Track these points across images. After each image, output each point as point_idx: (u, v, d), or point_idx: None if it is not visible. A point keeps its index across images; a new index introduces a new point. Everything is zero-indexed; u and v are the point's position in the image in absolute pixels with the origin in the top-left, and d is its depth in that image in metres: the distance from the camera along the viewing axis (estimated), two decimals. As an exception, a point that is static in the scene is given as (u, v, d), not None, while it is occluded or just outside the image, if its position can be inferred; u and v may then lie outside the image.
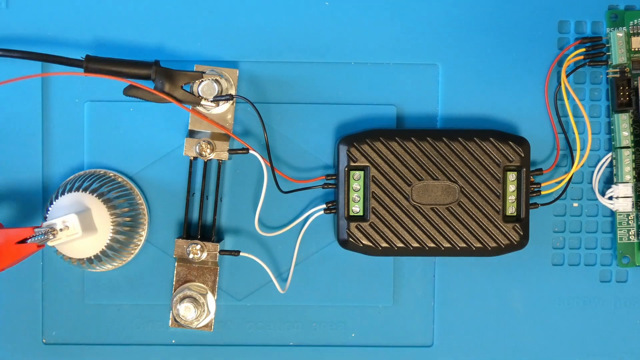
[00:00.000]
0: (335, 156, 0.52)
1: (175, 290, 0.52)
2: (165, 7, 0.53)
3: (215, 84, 0.50)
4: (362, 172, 0.52)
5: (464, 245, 0.51)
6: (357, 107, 0.54)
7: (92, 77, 0.51)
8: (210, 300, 0.52)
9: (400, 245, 0.51)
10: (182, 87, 0.50)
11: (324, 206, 0.53)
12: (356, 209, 0.52)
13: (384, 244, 0.51)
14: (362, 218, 0.52)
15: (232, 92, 0.51)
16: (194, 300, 0.51)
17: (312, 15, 0.53)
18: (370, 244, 0.51)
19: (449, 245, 0.51)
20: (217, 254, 0.52)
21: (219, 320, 0.54)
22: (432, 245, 0.51)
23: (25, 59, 0.51)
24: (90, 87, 0.53)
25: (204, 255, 0.52)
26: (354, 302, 0.54)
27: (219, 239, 0.53)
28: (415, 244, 0.51)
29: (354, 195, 0.52)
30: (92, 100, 0.53)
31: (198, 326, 0.52)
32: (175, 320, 0.51)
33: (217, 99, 0.50)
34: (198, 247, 0.52)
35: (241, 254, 0.52)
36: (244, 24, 0.53)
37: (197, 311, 0.51)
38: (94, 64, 0.50)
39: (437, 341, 0.54)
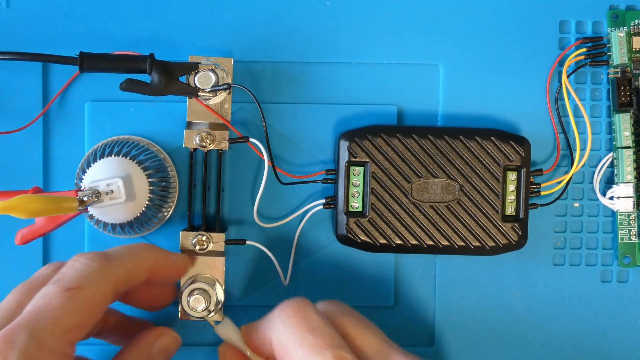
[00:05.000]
0: (335, 151, 0.52)
1: (183, 283, 0.51)
2: (165, 7, 0.53)
3: (211, 73, 0.50)
4: (362, 168, 0.51)
5: (462, 243, 0.51)
6: (357, 107, 0.53)
7: (93, 77, 0.52)
8: (219, 290, 0.51)
9: (399, 242, 0.51)
10: (178, 79, 0.50)
11: (323, 201, 0.52)
12: (355, 204, 0.52)
13: (382, 241, 0.51)
14: (361, 214, 0.51)
15: (229, 81, 0.51)
16: (202, 291, 0.50)
17: (312, 15, 0.53)
18: (369, 240, 0.51)
19: (447, 243, 0.51)
20: (223, 244, 0.51)
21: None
22: (430, 243, 0.51)
23: (25, 59, 0.51)
24: (91, 86, 0.53)
25: (210, 245, 0.51)
26: (354, 302, 0.54)
27: (223, 229, 0.53)
28: (414, 242, 0.51)
29: (353, 190, 0.51)
30: (92, 100, 0.53)
31: (209, 317, 0.51)
32: (185, 312, 0.51)
33: (214, 89, 0.50)
34: (204, 237, 0.51)
35: (247, 242, 0.52)
36: (243, 24, 0.53)
37: (206, 302, 0.50)
38: (88, 60, 0.50)
39: (437, 341, 0.54)
